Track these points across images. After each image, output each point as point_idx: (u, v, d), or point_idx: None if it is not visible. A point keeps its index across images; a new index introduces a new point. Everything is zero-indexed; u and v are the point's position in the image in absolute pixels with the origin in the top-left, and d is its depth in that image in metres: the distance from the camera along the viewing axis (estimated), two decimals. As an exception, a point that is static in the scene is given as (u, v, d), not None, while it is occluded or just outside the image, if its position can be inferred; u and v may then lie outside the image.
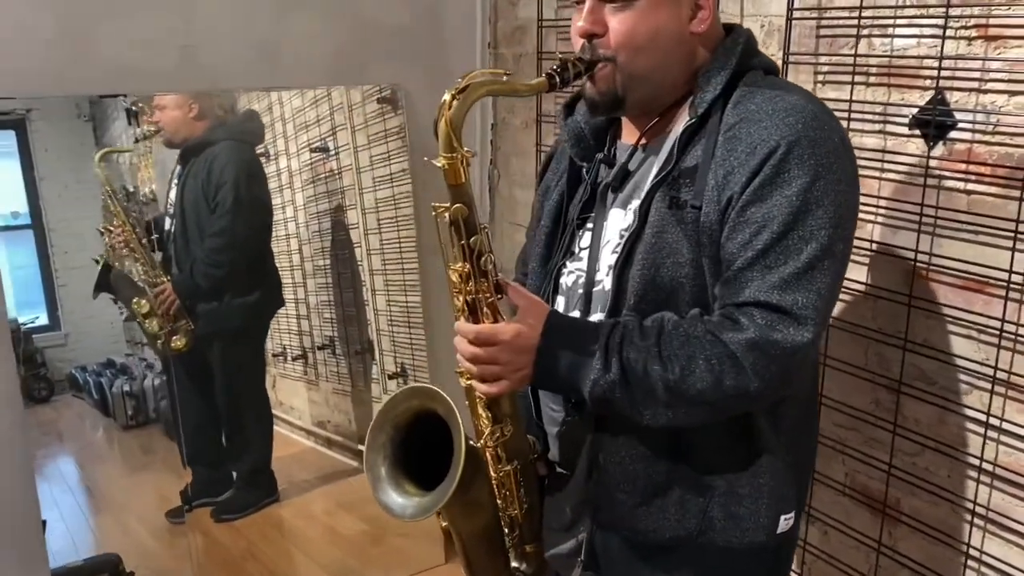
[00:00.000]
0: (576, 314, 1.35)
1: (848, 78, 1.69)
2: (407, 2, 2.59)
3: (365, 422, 3.10)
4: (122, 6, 2.21)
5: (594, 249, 1.35)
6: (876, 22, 1.63)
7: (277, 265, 2.83)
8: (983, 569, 1.59)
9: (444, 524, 1.46)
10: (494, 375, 1.25)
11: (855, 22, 1.65)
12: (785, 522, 1.31)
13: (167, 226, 2.65)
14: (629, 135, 1.37)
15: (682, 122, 1.27)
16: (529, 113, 2.62)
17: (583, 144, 1.40)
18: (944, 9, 1.51)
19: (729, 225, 1.18)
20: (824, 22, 1.73)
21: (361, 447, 3.11)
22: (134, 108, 2.46)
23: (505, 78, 1.24)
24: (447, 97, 1.19)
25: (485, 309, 1.26)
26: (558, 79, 1.23)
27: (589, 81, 1.27)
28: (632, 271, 1.26)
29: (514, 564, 1.48)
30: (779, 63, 1.76)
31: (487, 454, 1.36)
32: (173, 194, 2.68)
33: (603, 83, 1.26)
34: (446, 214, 1.24)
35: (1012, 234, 1.45)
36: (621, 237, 1.30)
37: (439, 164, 1.21)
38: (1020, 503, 1.53)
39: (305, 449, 3.07)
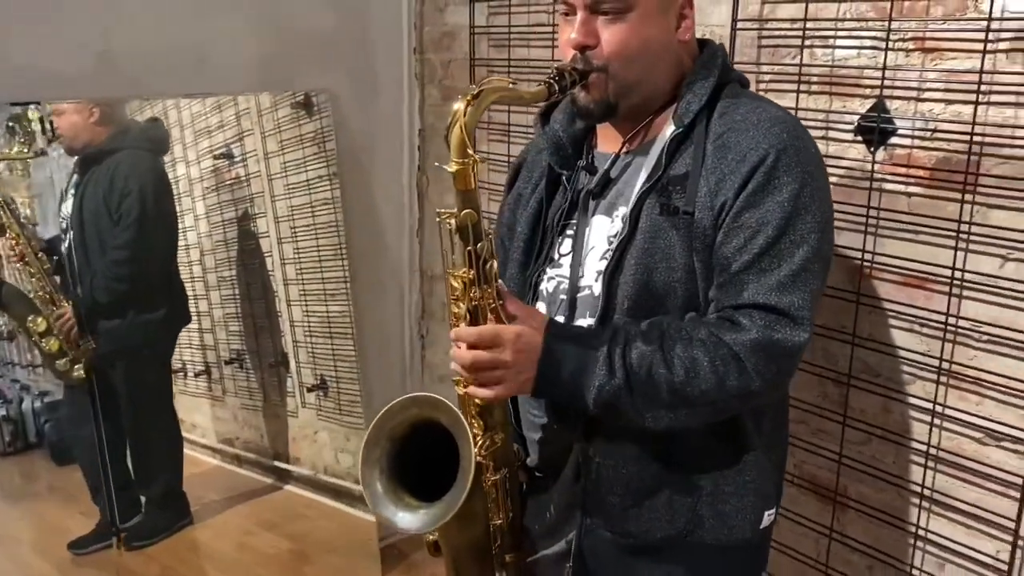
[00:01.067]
0: (560, 319, 1.36)
1: (788, 86, 1.77)
2: (332, 7, 2.52)
3: (280, 437, 3.00)
4: (35, 10, 2.05)
5: (577, 255, 1.36)
6: (818, 33, 1.72)
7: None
8: (929, 547, 1.70)
9: (432, 537, 1.43)
10: (495, 379, 1.23)
11: (798, 33, 1.73)
12: (768, 517, 1.37)
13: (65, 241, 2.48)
14: (606, 143, 1.40)
15: (666, 130, 1.30)
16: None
17: (562, 152, 1.41)
18: (885, 23, 1.60)
19: (723, 230, 1.21)
20: (766, 33, 1.81)
21: (278, 463, 3.03)
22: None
23: (511, 86, 1.24)
24: (460, 105, 1.18)
25: (488, 315, 1.24)
26: (556, 87, 1.24)
27: (583, 90, 1.28)
28: (623, 276, 1.27)
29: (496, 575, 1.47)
30: None
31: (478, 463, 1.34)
32: (69, 206, 2.50)
33: (596, 91, 1.28)
34: (451, 220, 1.22)
35: (954, 233, 1.56)
36: (609, 243, 1.32)
37: (451, 169, 1.19)
38: (962, 484, 1.64)
39: (211, 468, 2.94)
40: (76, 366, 2.46)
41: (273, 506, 2.91)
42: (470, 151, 1.18)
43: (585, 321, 1.34)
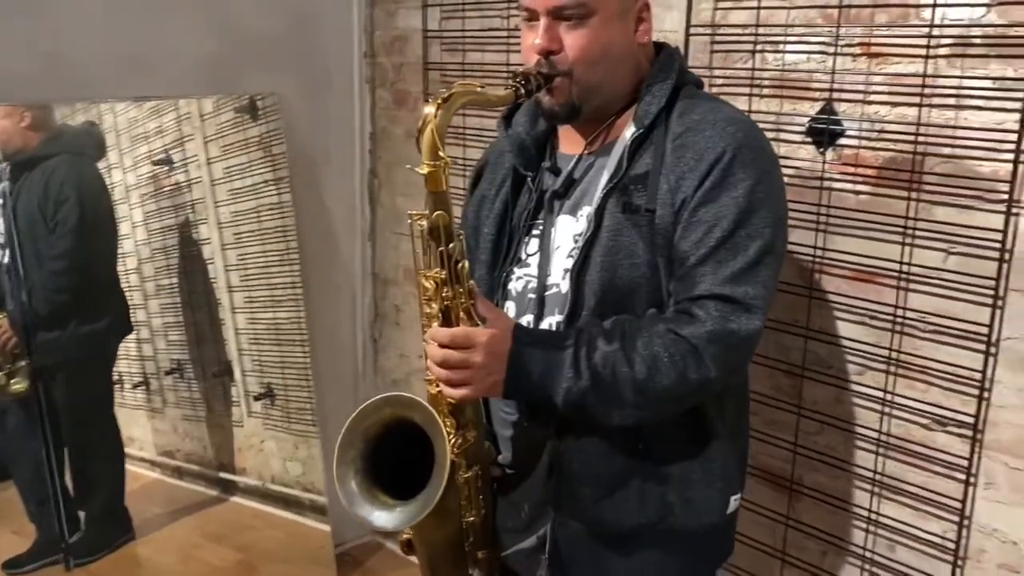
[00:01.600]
0: (529, 318, 1.39)
1: (740, 90, 1.83)
2: (282, 11, 2.51)
3: (224, 448, 2.95)
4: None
5: (544, 254, 1.39)
6: (768, 39, 1.78)
7: (119, 287, 2.64)
8: (880, 531, 1.78)
9: (406, 535, 1.44)
10: (463, 379, 1.25)
11: (750, 39, 1.80)
12: (734, 502, 1.42)
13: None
14: (568, 145, 1.43)
15: (627, 131, 1.33)
16: (415, 123, 2.62)
17: (526, 154, 1.44)
18: (833, 28, 1.68)
19: (682, 225, 1.26)
20: (718, 38, 1.87)
21: (223, 474, 2.97)
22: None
23: (479, 90, 1.26)
24: (431, 109, 1.21)
25: (461, 314, 1.26)
26: (523, 90, 1.27)
27: (548, 94, 1.32)
28: (590, 274, 1.31)
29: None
30: None
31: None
32: None
33: (561, 95, 1.31)
34: (423, 221, 1.23)
35: (901, 229, 1.64)
36: (575, 242, 1.35)
37: (422, 172, 1.21)
38: (910, 468, 1.72)
39: (151, 481, 2.87)
40: (13, 380, 2.38)
41: (219, 518, 2.85)
42: (441, 153, 1.21)
43: (554, 318, 1.37)
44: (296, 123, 2.58)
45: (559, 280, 1.37)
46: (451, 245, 1.24)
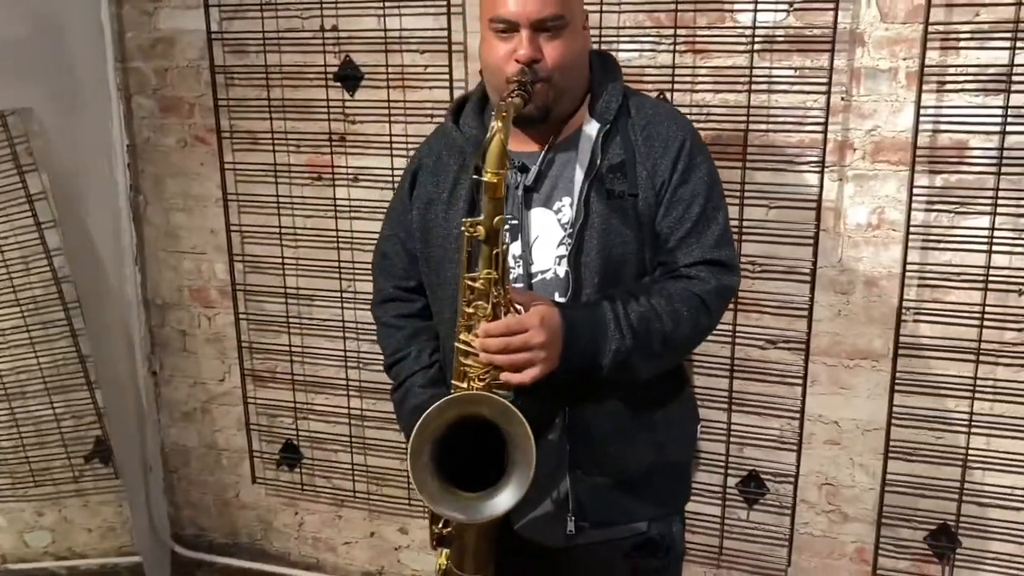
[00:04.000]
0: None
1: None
2: (18, 14, 2.15)
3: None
4: None
5: (524, 245, 1.50)
6: (604, 38, 2.05)
7: None
8: (732, 437, 2.18)
9: (444, 530, 1.46)
10: (528, 360, 1.32)
11: (593, 39, 2.04)
12: (699, 431, 1.68)
13: None
14: (516, 144, 1.50)
15: (587, 127, 1.48)
16: (189, 131, 2.44)
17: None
18: (660, 29, 2.00)
19: (664, 204, 1.46)
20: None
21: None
22: None
23: (517, 102, 1.33)
24: (498, 123, 1.26)
25: (509, 310, 1.33)
26: (528, 97, 1.36)
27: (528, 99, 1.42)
28: (586, 256, 1.44)
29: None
30: None
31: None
32: None
33: (540, 99, 1.42)
34: (479, 228, 1.28)
35: (738, 193, 2.02)
36: (565, 229, 1.48)
37: (490, 180, 1.26)
38: (755, 382, 2.14)
39: None
40: None
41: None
42: (507, 162, 1.27)
43: None
44: (47, 139, 2.25)
45: (551, 266, 1.48)
46: (504, 247, 1.31)
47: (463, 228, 1.32)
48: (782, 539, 2.23)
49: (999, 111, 1.86)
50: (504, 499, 1.32)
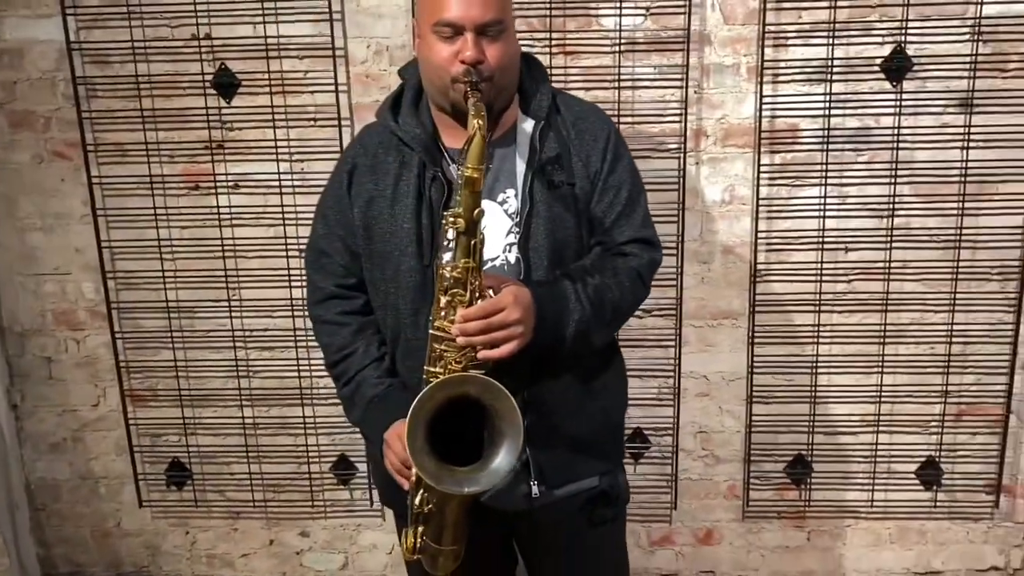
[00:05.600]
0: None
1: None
2: None
3: None
4: None
5: None
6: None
7: None
8: (621, 401, 2.41)
9: (429, 507, 1.54)
10: (507, 336, 1.44)
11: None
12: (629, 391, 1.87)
13: None
14: (451, 139, 1.61)
15: (524, 124, 1.61)
16: (46, 146, 2.33)
17: (430, 150, 1.62)
18: (546, 32, 2.18)
19: (598, 191, 1.63)
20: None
21: None
22: None
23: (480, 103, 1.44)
24: (480, 122, 1.38)
25: (483, 294, 1.45)
26: (481, 94, 1.48)
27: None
28: (534, 242, 1.58)
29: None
30: (389, 75, 2.24)
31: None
32: None
33: (484, 97, 1.52)
34: (458, 220, 1.39)
35: (612, 178, 2.24)
36: (512, 219, 1.61)
37: (472, 175, 1.37)
38: (632, 348, 2.38)
39: None
40: None
41: None
42: (486, 158, 1.39)
43: None
44: None
45: (500, 254, 1.59)
46: (481, 237, 1.43)
47: (444, 221, 1.42)
48: (666, 487, 2.49)
49: (822, 98, 2.21)
50: (501, 466, 1.44)
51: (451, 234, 1.45)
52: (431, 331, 1.47)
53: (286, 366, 2.46)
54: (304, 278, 1.78)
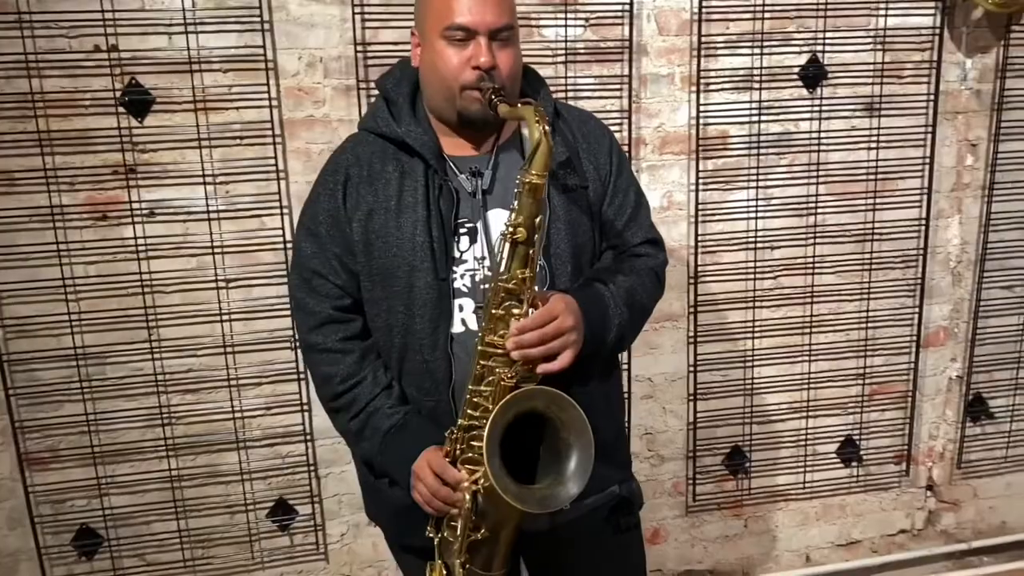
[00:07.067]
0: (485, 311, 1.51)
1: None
2: None
3: None
4: None
5: (488, 246, 1.55)
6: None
7: None
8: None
9: (482, 533, 1.45)
10: (563, 344, 1.40)
11: (398, 54, 2.09)
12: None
13: None
14: (454, 148, 1.56)
15: (527, 130, 1.57)
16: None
17: (438, 159, 1.55)
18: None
19: (610, 193, 1.63)
20: (371, 53, 2.11)
21: None
22: None
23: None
24: (544, 128, 1.33)
25: (536, 305, 1.41)
26: (506, 100, 1.43)
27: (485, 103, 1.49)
28: (557, 247, 1.54)
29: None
30: (323, 88, 2.13)
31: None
32: None
33: (511, 102, 1.47)
34: (520, 229, 1.34)
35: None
36: None
37: (536, 181, 1.32)
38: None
39: None
40: None
41: None
42: (550, 165, 1.36)
43: None
44: None
45: None
46: (536, 247, 1.38)
47: (504, 231, 1.36)
48: (615, 492, 2.51)
49: (749, 105, 2.32)
50: (576, 478, 1.39)
51: (504, 245, 1.39)
52: (480, 348, 1.41)
53: (216, 409, 2.24)
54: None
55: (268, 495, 2.33)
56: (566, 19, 2.19)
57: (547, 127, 1.35)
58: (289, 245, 2.16)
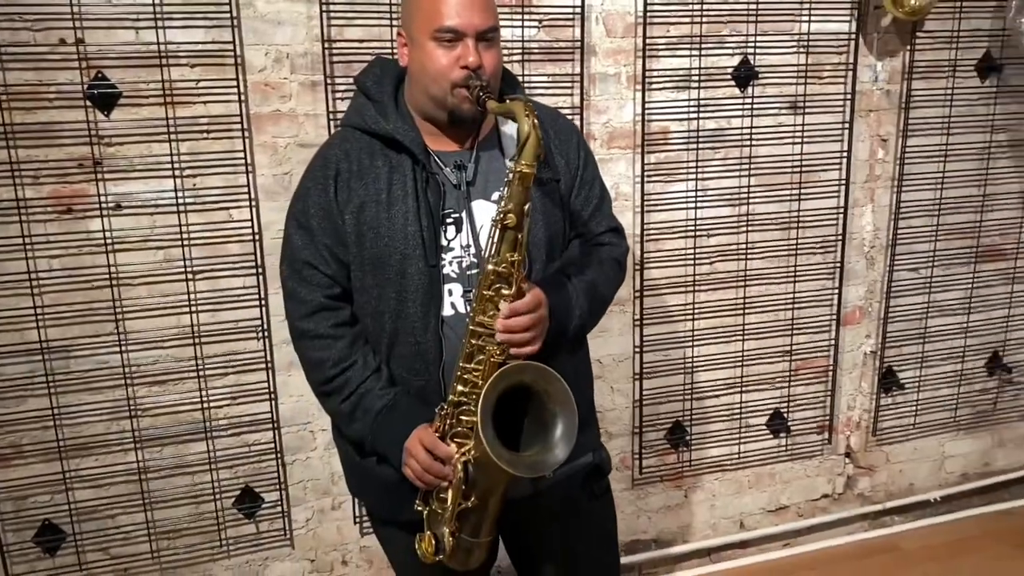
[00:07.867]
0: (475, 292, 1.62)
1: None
2: None
3: None
4: None
5: (473, 235, 1.65)
6: (377, 51, 2.20)
7: None
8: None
9: (472, 502, 1.55)
10: (538, 334, 1.53)
11: (369, 50, 2.18)
12: None
13: None
14: (436, 143, 1.66)
15: (508, 127, 1.67)
16: None
17: (424, 154, 1.64)
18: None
19: (577, 186, 1.76)
20: (336, 49, 2.18)
21: None
22: None
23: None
24: (534, 121, 1.44)
25: (522, 287, 1.52)
26: (496, 98, 1.56)
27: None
28: (534, 237, 1.64)
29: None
30: (290, 83, 2.20)
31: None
32: None
33: (496, 98, 1.59)
34: (511, 216, 1.45)
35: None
36: None
37: (527, 171, 1.43)
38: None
39: None
40: None
41: None
42: (540, 156, 1.46)
43: None
44: None
45: None
46: (526, 231, 1.49)
47: (495, 217, 1.46)
48: (568, 468, 2.65)
49: (688, 103, 2.50)
50: (563, 445, 1.51)
51: (493, 230, 1.49)
52: (471, 327, 1.51)
53: (184, 400, 2.27)
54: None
55: (234, 483, 2.37)
56: (523, 20, 2.31)
57: (536, 120, 1.46)
58: (258, 237, 2.21)
